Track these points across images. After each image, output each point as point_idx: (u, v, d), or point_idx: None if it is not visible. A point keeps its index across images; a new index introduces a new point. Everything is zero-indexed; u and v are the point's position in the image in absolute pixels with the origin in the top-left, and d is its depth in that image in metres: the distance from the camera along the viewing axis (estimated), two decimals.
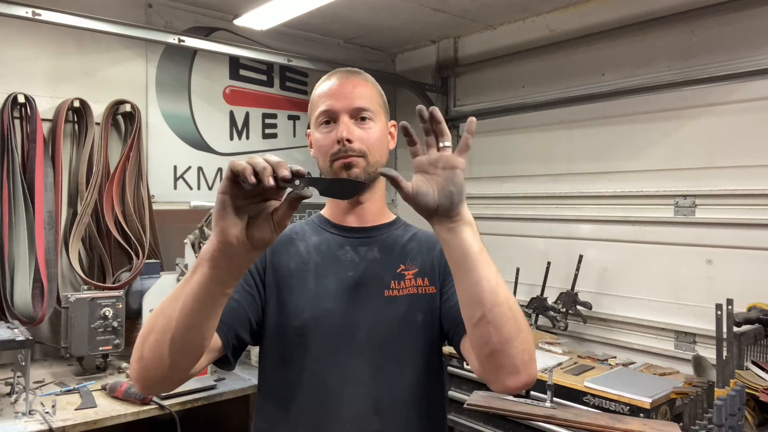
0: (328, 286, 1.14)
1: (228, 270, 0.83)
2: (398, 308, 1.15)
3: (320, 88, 1.20)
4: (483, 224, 3.54)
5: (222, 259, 0.81)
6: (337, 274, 1.15)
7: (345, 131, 1.12)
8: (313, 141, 1.20)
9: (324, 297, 1.13)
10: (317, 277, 1.15)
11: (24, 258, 2.46)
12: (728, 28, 2.47)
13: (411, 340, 1.15)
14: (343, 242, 1.19)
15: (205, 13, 3.14)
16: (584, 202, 3.00)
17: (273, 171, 0.75)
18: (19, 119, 2.56)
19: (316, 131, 1.18)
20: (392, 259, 1.19)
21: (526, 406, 2.10)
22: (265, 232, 0.80)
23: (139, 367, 0.90)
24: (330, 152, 1.13)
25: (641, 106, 2.75)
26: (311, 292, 1.13)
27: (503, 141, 3.42)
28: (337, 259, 1.17)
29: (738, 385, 1.70)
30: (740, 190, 2.43)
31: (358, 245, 1.19)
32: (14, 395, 2.10)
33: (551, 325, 2.89)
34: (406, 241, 1.23)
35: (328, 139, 1.14)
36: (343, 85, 1.18)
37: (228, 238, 0.79)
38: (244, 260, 0.83)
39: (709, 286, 2.52)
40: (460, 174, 0.91)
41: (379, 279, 1.16)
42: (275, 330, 1.13)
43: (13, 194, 2.47)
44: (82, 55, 2.79)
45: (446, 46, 3.69)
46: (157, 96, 3.04)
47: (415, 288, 1.17)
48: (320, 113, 1.16)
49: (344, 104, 1.15)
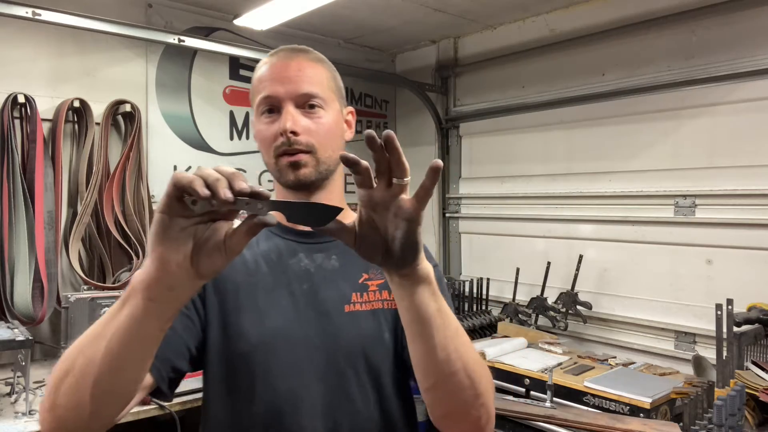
0: (279, 302, 0.99)
1: (167, 302, 0.69)
2: (361, 325, 1.00)
3: (260, 70, 1.03)
4: (483, 224, 3.54)
5: (160, 290, 0.67)
6: (289, 287, 1.00)
7: (289, 122, 0.96)
8: (255, 132, 1.04)
9: (275, 315, 0.97)
10: (267, 291, 0.99)
11: (24, 258, 2.46)
12: (728, 28, 2.47)
13: (377, 362, 1.00)
14: (296, 248, 1.03)
15: (205, 13, 3.14)
16: (584, 202, 3.00)
17: (228, 184, 0.63)
18: (19, 119, 2.56)
19: (258, 121, 1.02)
20: (353, 268, 1.03)
21: (526, 406, 2.10)
22: (215, 260, 0.67)
23: (52, 417, 0.74)
24: (273, 145, 0.98)
25: (641, 106, 2.75)
26: (260, 310, 0.98)
27: (503, 141, 3.42)
28: (290, 268, 1.01)
29: (738, 385, 1.70)
30: (740, 190, 2.43)
31: (313, 252, 1.03)
32: (14, 395, 2.10)
33: (551, 325, 2.89)
34: None
35: (271, 131, 0.99)
36: (287, 66, 1.00)
37: (168, 266, 0.66)
38: (186, 290, 0.69)
39: (709, 286, 2.52)
40: (417, 229, 0.72)
41: (338, 291, 1.01)
42: (219, 356, 0.97)
43: (13, 194, 2.47)
44: (82, 55, 2.79)
45: (446, 46, 3.69)
46: (157, 96, 3.04)
47: (380, 302, 1.02)
48: (261, 100, 1.00)
49: (288, 90, 0.98)
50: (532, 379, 2.31)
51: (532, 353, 2.60)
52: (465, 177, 3.66)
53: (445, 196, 3.72)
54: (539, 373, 2.30)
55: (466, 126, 3.64)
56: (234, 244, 0.67)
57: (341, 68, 1.14)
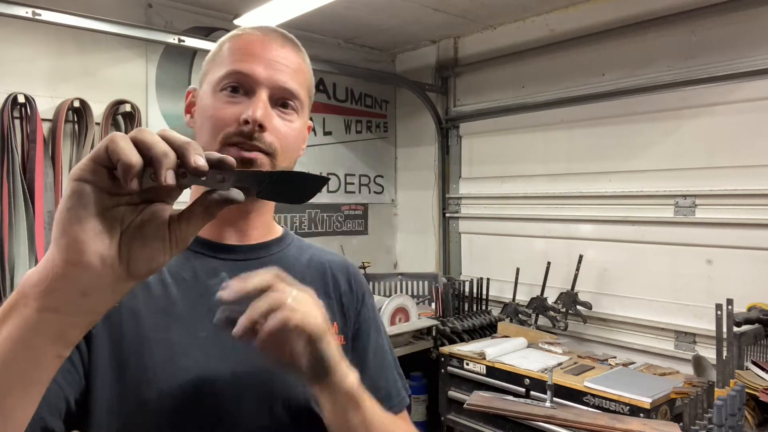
0: (197, 334, 0.76)
1: (76, 315, 0.49)
2: None
3: (236, 39, 0.84)
4: (483, 224, 3.54)
5: (67, 296, 0.48)
6: (210, 315, 0.72)
7: (260, 111, 0.78)
8: (202, 106, 0.84)
9: (193, 351, 0.75)
10: (180, 321, 0.77)
11: (24, 258, 2.46)
12: (728, 28, 2.47)
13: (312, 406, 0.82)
14: (217, 266, 0.82)
15: (205, 13, 3.14)
16: (584, 202, 3.00)
17: (177, 158, 0.48)
18: (19, 119, 2.56)
19: (213, 95, 0.81)
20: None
21: (526, 406, 2.10)
22: (154, 253, 0.50)
23: None
24: (226, 130, 0.79)
25: (641, 106, 2.75)
26: (172, 346, 0.74)
27: (503, 141, 3.42)
28: (209, 291, 0.75)
29: (738, 385, 1.70)
30: (740, 190, 2.43)
31: (238, 270, 0.76)
32: None
33: (551, 325, 2.89)
34: (304, 266, 0.90)
35: (229, 112, 0.79)
36: (270, 47, 0.82)
37: (85, 259, 0.47)
38: (107, 298, 0.50)
39: (709, 286, 2.52)
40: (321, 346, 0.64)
41: None
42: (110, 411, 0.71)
43: (13, 194, 2.47)
44: (82, 55, 2.79)
45: (446, 46, 3.69)
46: (157, 96, 3.04)
47: None
48: (229, 73, 0.80)
49: (269, 75, 0.80)
50: (532, 379, 2.31)
51: (532, 353, 2.60)
52: (465, 177, 3.66)
53: (445, 196, 3.72)
54: (539, 373, 2.30)
55: (466, 126, 3.64)
56: (185, 231, 0.51)
57: (341, 68, 1.12)
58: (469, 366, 2.56)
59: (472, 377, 2.54)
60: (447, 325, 2.91)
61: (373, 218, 4.02)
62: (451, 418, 2.62)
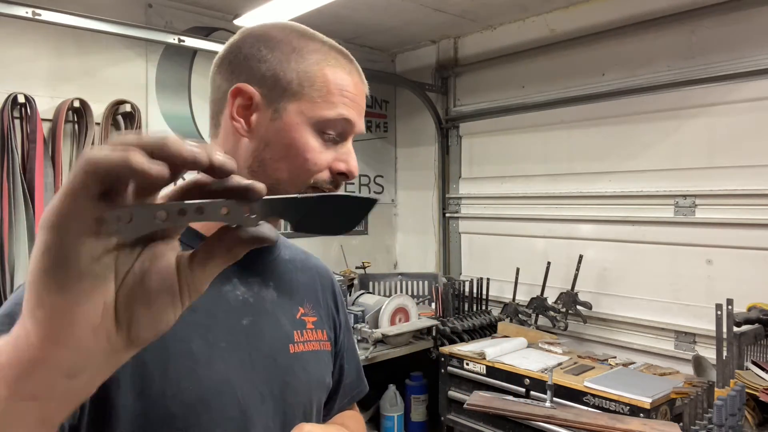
0: (217, 344, 0.75)
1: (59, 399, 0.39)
2: (307, 368, 0.85)
3: (341, 74, 0.78)
4: (483, 224, 3.54)
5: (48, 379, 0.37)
6: (227, 323, 0.77)
7: (355, 164, 0.79)
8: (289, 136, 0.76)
9: (213, 364, 0.74)
10: (199, 331, 0.74)
11: (24, 258, 2.46)
12: (728, 28, 2.47)
13: (317, 409, 0.88)
14: (228, 272, 0.77)
15: (205, 13, 3.14)
16: (584, 202, 3.00)
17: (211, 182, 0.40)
18: (19, 119, 2.56)
19: (311, 132, 0.76)
20: (289, 299, 0.87)
21: (526, 406, 2.10)
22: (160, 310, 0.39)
23: None
24: (319, 176, 0.77)
25: (641, 106, 2.75)
26: (194, 357, 0.72)
27: (503, 141, 3.42)
28: (224, 298, 0.78)
29: (738, 385, 1.70)
30: (740, 190, 2.43)
31: (249, 276, 0.81)
32: None
33: (551, 325, 2.89)
34: (299, 270, 0.92)
35: (323, 159, 0.77)
36: (364, 95, 0.82)
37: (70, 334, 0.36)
38: (100, 375, 0.40)
39: (709, 286, 2.52)
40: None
41: (280, 328, 0.83)
42: (138, 427, 0.68)
43: (13, 194, 2.47)
44: (82, 55, 2.79)
45: (446, 46, 3.69)
46: (157, 96, 3.04)
47: (317, 343, 0.88)
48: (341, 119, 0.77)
49: (359, 125, 0.80)
50: (532, 379, 2.31)
51: (532, 353, 2.60)
52: (465, 177, 3.66)
53: (445, 196, 3.72)
54: (539, 373, 2.30)
55: (466, 126, 3.64)
56: (199, 278, 0.40)
57: None
58: (469, 366, 2.56)
59: (472, 377, 2.54)
60: (447, 325, 2.91)
61: (373, 218, 4.02)
62: (451, 418, 2.63)
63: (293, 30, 0.80)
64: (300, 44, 0.78)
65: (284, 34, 0.79)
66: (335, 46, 0.81)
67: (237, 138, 0.78)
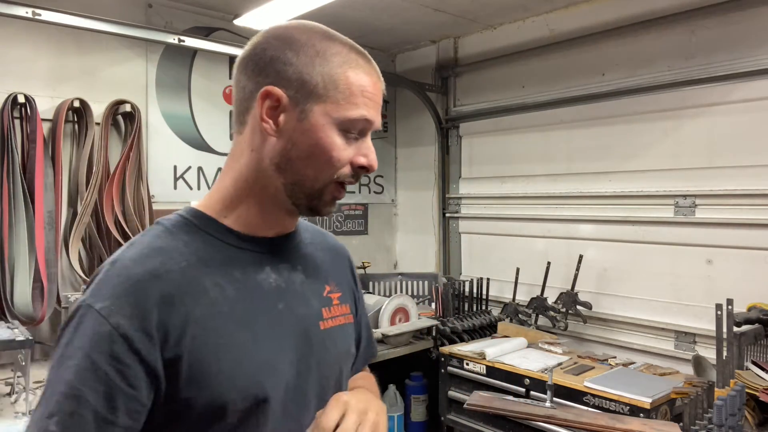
0: (257, 331, 0.83)
1: None
2: (336, 343, 0.95)
3: (362, 75, 0.84)
4: (483, 224, 3.54)
5: None
6: (265, 311, 0.85)
7: (375, 158, 0.87)
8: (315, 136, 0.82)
9: (256, 354, 0.82)
10: (240, 323, 0.82)
11: (24, 258, 2.46)
12: (728, 28, 2.47)
13: (345, 377, 0.99)
14: (260, 261, 0.87)
15: (205, 13, 3.14)
16: (584, 202, 3.00)
17: None
18: (19, 119, 2.56)
19: (335, 131, 0.82)
20: (316, 279, 0.96)
21: (526, 406, 2.10)
22: None
23: None
24: (342, 171, 0.84)
25: (641, 106, 2.75)
26: (239, 350, 0.80)
27: (503, 141, 3.42)
28: (259, 286, 0.86)
29: (738, 385, 1.70)
30: (740, 190, 2.43)
31: (279, 263, 0.90)
32: (14, 395, 2.10)
33: (551, 325, 2.89)
34: (321, 251, 1.01)
35: (345, 155, 0.84)
36: (379, 92, 0.87)
37: None
38: None
39: (709, 286, 2.52)
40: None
41: (311, 308, 0.92)
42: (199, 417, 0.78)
43: (13, 194, 2.47)
44: (82, 55, 2.79)
45: (446, 46, 3.69)
46: (157, 96, 3.04)
47: (343, 317, 0.98)
48: (362, 119, 0.83)
49: (376, 122, 0.87)
50: (532, 379, 2.31)
51: (532, 353, 2.60)
52: (465, 177, 3.66)
53: (445, 196, 3.72)
54: (539, 373, 2.30)
55: (466, 126, 3.64)
56: None
57: None
58: (469, 366, 2.56)
59: (472, 377, 2.54)
60: (447, 325, 2.91)
61: (373, 218, 4.02)
62: (451, 418, 2.63)
63: (315, 32, 0.86)
64: (323, 47, 0.84)
65: (307, 36, 0.85)
66: (355, 47, 0.87)
67: (264, 137, 0.84)
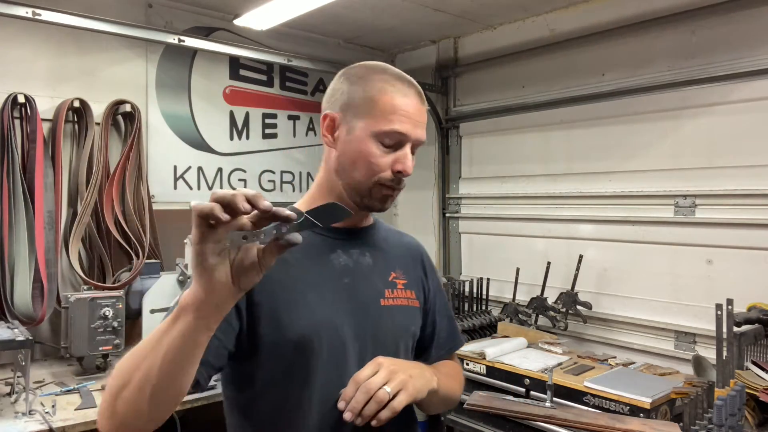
0: (325, 296, 1.08)
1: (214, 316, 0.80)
2: (394, 318, 1.14)
3: (398, 97, 1.08)
4: (483, 224, 3.54)
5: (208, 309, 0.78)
6: (332, 282, 1.10)
7: (411, 165, 1.09)
8: (357, 147, 1.07)
9: (324, 308, 1.07)
10: (313, 286, 1.08)
11: (24, 258, 2.46)
12: (728, 28, 2.47)
13: (404, 351, 1.17)
14: (334, 245, 1.13)
15: (205, 13, 3.14)
16: (584, 202, 3.00)
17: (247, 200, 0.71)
18: (19, 119, 2.56)
19: (372, 142, 1.06)
20: (383, 266, 1.18)
21: (526, 406, 2.09)
22: (252, 276, 0.78)
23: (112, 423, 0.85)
24: (381, 175, 1.07)
25: (641, 106, 2.75)
26: (309, 304, 1.06)
27: (503, 141, 3.42)
28: (330, 264, 1.11)
29: (738, 385, 1.70)
30: (740, 190, 2.43)
31: (349, 248, 1.14)
32: (14, 395, 2.10)
33: (551, 325, 2.89)
34: (392, 246, 1.24)
35: (384, 162, 1.07)
36: (419, 111, 1.10)
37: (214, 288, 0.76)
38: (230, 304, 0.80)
39: (709, 286, 2.52)
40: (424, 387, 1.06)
41: (374, 286, 1.14)
42: (271, 349, 1.04)
43: (13, 194, 2.47)
44: (82, 55, 2.79)
45: (446, 46, 3.69)
46: (157, 96, 3.04)
47: (405, 300, 1.18)
48: (393, 132, 1.06)
49: (416, 135, 1.09)
50: (532, 379, 2.31)
51: (532, 353, 2.60)
52: (465, 177, 3.66)
53: (445, 196, 3.72)
54: (539, 373, 2.30)
55: (466, 126, 3.64)
56: (267, 261, 0.78)
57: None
58: (469, 366, 2.56)
59: (472, 377, 2.54)
60: None
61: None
62: (451, 418, 2.62)
63: (370, 66, 1.12)
64: (368, 75, 1.10)
65: (364, 70, 1.11)
66: (400, 75, 1.11)
67: (329, 151, 1.13)
